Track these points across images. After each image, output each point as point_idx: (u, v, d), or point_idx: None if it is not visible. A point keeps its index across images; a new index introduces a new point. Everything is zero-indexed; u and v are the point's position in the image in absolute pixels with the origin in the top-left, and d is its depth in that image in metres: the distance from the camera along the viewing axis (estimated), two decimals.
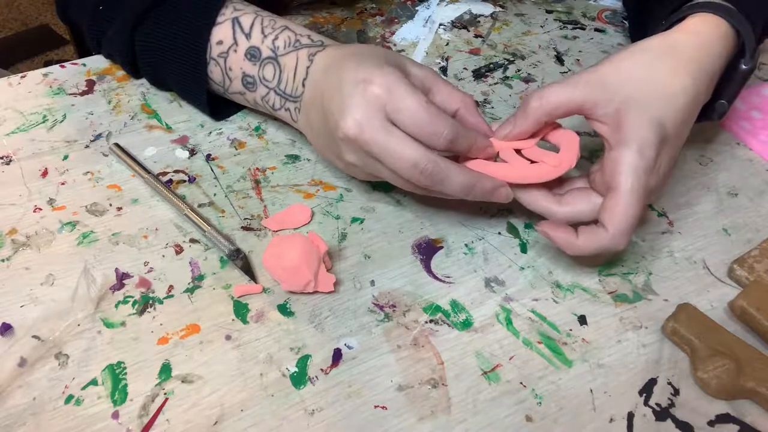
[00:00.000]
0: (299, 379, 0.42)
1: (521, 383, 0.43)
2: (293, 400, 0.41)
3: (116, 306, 0.45)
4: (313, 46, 0.50)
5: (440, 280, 0.48)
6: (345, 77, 0.44)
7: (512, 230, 0.52)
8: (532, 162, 0.46)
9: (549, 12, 0.75)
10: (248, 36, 0.52)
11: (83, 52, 0.64)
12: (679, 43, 0.46)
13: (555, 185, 0.47)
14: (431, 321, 0.46)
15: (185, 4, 0.54)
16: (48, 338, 0.42)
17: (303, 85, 0.49)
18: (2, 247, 0.48)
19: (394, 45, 0.68)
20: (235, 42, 0.52)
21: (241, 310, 0.45)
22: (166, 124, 0.58)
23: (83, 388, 0.41)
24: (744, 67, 0.49)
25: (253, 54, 0.52)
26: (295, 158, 0.56)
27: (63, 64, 0.63)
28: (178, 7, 0.54)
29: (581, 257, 0.49)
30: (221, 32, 0.52)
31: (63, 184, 0.52)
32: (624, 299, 0.48)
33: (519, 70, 0.66)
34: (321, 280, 0.45)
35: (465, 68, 0.66)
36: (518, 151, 0.47)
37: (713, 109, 0.51)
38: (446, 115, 0.44)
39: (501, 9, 0.75)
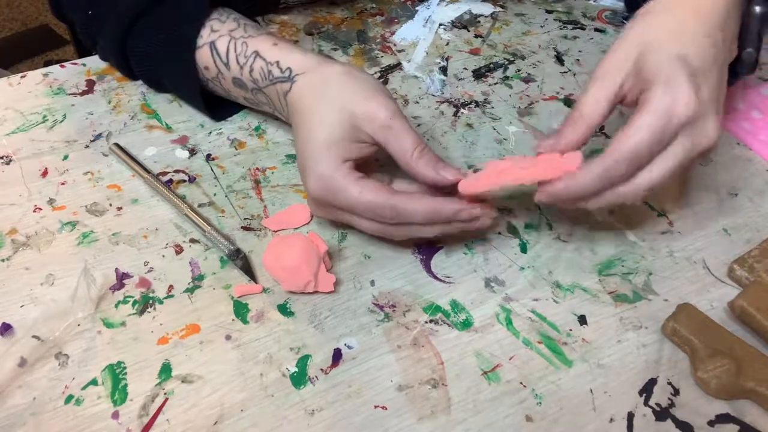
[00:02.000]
0: (299, 379, 0.42)
1: (521, 383, 0.43)
2: (293, 400, 0.41)
3: (116, 306, 0.45)
4: (283, 80, 0.49)
5: (440, 280, 0.48)
6: (298, 153, 0.47)
7: (512, 230, 0.52)
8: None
9: (549, 12, 0.75)
10: (227, 66, 0.52)
11: (83, 52, 0.64)
12: (676, 1, 0.46)
13: None
14: (431, 321, 0.46)
15: (166, 21, 0.54)
16: (48, 338, 0.42)
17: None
18: (2, 247, 0.48)
19: (394, 45, 0.68)
20: (219, 71, 0.52)
21: (241, 310, 0.45)
22: (166, 124, 0.58)
23: (83, 388, 0.41)
24: (757, 9, 0.48)
25: (239, 84, 0.52)
26: (295, 158, 0.56)
27: (63, 64, 0.63)
28: (161, 22, 0.54)
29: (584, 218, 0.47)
30: (203, 57, 0.52)
31: (63, 184, 0.52)
32: (624, 299, 0.48)
33: (519, 70, 0.66)
34: (321, 280, 0.45)
35: (465, 68, 0.66)
36: None
37: (742, 63, 0.51)
38: (384, 195, 0.43)
39: (501, 9, 0.75)
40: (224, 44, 0.51)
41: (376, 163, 0.50)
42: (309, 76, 0.48)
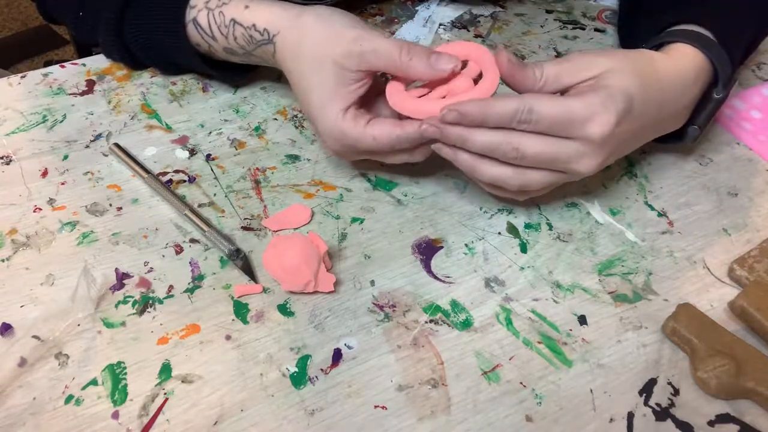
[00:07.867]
0: (299, 379, 0.42)
1: (521, 383, 0.43)
2: (293, 400, 0.41)
3: (116, 306, 0.45)
4: (265, 42, 0.50)
5: (440, 280, 0.48)
6: (303, 112, 0.50)
7: (512, 230, 0.52)
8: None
9: (549, 12, 0.75)
10: (214, 38, 0.53)
11: (83, 52, 0.65)
12: (657, 58, 0.48)
13: None
14: (431, 321, 0.46)
15: (153, 8, 0.55)
16: (48, 338, 0.42)
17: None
18: (2, 247, 0.48)
19: None
20: (209, 44, 0.54)
21: (241, 310, 0.45)
22: (166, 124, 0.58)
23: (83, 388, 0.41)
24: (716, 96, 0.51)
25: (231, 52, 0.53)
26: (295, 158, 0.56)
27: (63, 64, 0.63)
28: (149, 4, 0.55)
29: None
30: (193, 36, 0.54)
31: (63, 184, 0.52)
32: (624, 299, 0.48)
33: None
34: (321, 280, 0.45)
35: None
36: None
37: (686, 133, 0.53)
38: (397, 131, 0.45)
39: (501, 9, 0.75)
40: (204, 18, 0.52)
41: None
42: (284, 35, 0.49)
